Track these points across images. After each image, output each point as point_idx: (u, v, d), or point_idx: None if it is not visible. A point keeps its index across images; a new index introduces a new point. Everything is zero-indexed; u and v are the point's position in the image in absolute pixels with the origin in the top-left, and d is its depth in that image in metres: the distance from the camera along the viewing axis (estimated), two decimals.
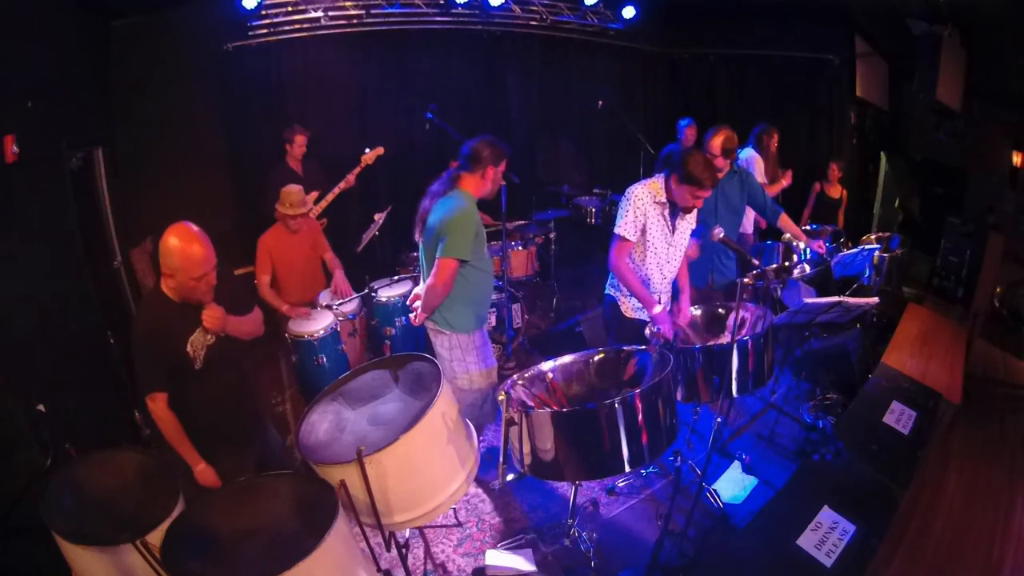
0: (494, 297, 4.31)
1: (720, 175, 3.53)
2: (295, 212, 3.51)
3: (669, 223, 2.88)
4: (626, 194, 2.89)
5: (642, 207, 2.82)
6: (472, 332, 2.83)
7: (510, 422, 1.91)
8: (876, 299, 3.22)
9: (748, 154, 4.53)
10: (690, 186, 2.70)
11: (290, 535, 1.72)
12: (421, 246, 2.86)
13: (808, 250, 4.05)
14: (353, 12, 4.95)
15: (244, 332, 2.36)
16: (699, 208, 2.98)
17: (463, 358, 2.84)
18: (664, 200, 2.83)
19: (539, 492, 3.06)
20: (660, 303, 2.85)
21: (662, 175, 2.86)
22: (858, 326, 3.80)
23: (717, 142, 3.43)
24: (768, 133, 4.74)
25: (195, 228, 2.09)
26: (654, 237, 2.87)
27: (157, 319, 2.12)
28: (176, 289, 2.10)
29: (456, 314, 2.79)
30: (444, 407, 1.89)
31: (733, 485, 3.04)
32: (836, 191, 5.16)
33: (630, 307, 3.02)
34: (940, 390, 3.09)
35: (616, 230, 2.88)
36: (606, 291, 3.14)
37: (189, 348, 2.14)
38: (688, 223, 2.98)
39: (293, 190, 3.53)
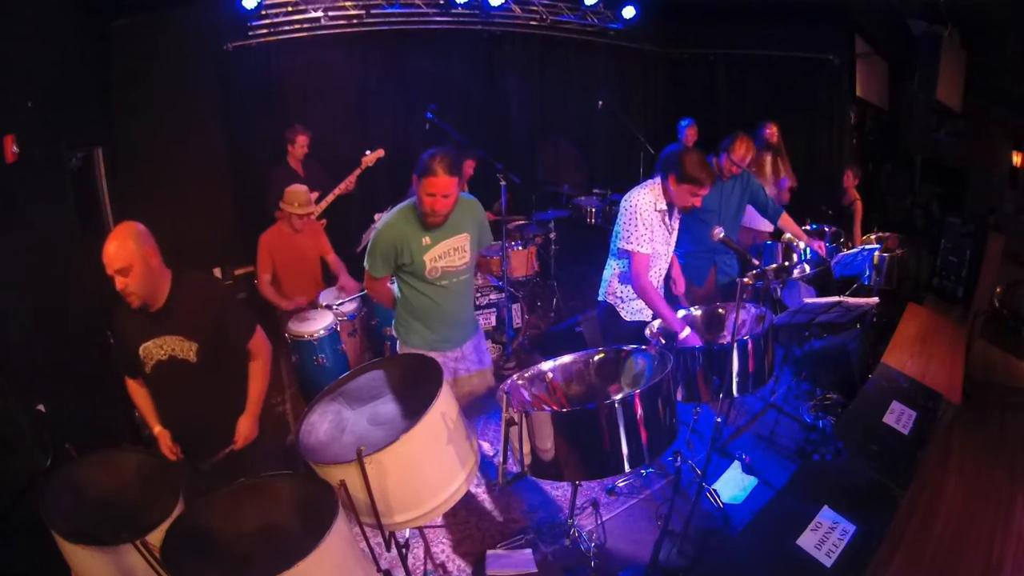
0: (493, 297, 4.31)
1: (725, 179, 3.54)
2: (303, 212, 3.53)
3: (669, 226, 2.88)
4: (629, 206, 2.80)
5: (648, 218, 2.77)
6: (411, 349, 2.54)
7: (510, 422, 1.91)
8: (876, 299, 3.22)
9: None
10: (690, 185, 2.69)
11: (290, 535, 1.72)
12: None
13: (808, 250, 4.04)
14: (353, 12, 4.96)
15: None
16: (700, 208, 2.98)
17: None
18: (664, 207, 2.81)
19: (539, 492, 3.06)
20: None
21: (658, 179, 2.83)
22: (858, 326, 3.79)
23: (744, 154, 3.45)
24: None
25: (137, 228, 2.04)
26: (657, 243, 2.86)
27: (120, 313, 2.17)
28: None
29: (398, 322, 2.64)
30: (444, 407, 1.89)
31: (733, 485, 3.03)
32: (848, 198, 5.00)
33: (628, 311, 3.00)
34: (940, 390, 3.08)
35: (629, 246, 2.77)
36: (601, 298, 3.09)
37: (142, 352, 2.16)
38: (679, 219, 2.98)
39: (300, 190, 3.54)
